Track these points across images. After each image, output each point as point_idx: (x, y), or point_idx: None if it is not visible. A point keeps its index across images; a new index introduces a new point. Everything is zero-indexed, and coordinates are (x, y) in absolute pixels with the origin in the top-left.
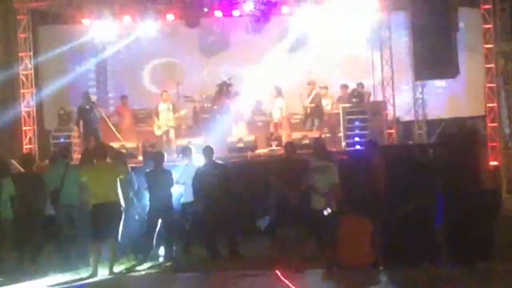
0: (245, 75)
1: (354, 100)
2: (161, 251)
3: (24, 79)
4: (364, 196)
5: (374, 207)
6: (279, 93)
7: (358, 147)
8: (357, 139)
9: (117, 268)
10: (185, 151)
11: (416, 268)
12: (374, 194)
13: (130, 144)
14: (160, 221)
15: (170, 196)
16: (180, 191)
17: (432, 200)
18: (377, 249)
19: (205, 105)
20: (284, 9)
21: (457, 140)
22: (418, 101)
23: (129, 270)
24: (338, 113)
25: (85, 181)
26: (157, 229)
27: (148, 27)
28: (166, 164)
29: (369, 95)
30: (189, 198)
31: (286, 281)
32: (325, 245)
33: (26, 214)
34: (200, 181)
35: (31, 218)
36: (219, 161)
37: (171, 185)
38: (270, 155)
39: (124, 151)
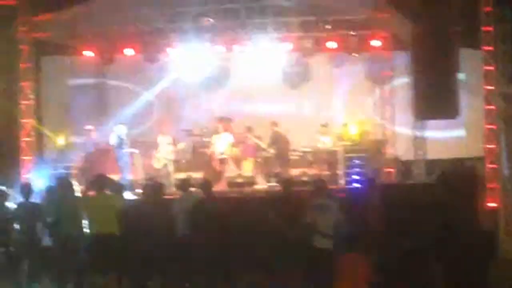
0: (245, 110)
1: (354, 138)
2: None
3: (24, 108)
4: (361, 234)
5: (371, 246)
6: (227, 127)
7: (356, 185)
8: (356, 177)
9: None
10: (182, 184)
11: None
12: (372, 232)
13: (129, 176)
14: None
15: None
16: None
17: (430, 240)
18: None
19: (204, 139)
20: (286, 45)
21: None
22: (417, 140)
23: None
24: (337, 151)
25: (83, 212)
26: None
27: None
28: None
29: (370, 133)
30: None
31: None
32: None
33: (25, 244)
34: (196, 215)
35: (28, 247)
36: (216, 196)
37: None
38: (268, 191)
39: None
